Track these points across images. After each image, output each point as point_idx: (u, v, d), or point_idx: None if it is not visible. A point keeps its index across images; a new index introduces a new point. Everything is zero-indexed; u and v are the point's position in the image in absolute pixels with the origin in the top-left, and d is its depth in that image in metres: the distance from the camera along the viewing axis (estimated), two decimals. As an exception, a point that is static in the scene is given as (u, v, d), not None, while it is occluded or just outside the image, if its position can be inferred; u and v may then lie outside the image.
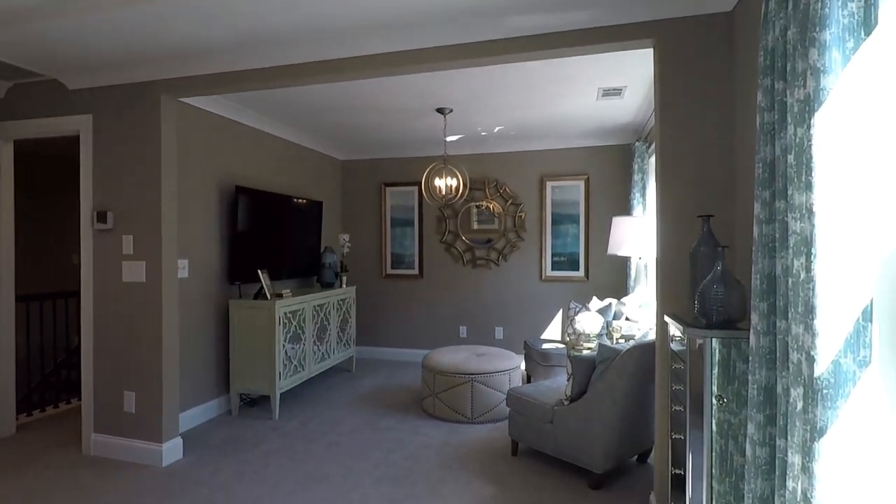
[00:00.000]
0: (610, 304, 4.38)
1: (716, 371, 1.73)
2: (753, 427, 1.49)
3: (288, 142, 5.02)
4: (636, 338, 3.59)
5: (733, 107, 2.24)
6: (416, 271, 5.86)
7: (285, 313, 4.03)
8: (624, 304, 3.91)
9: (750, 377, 1.51)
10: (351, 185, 6.12)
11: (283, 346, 4.01)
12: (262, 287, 3.97)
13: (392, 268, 5.95)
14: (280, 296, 4.11)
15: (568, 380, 2.96)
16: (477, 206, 5.61)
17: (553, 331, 5.43)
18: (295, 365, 4.19)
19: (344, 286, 5.21)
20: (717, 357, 1.73)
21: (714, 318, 1.78)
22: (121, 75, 3.10)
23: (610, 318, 4.28)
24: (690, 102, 2.29)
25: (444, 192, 4.15)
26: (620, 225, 3.81)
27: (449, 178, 4.16)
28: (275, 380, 3.90)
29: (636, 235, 3.68)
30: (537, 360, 4.43)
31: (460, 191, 4.26)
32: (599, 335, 3.92)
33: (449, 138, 5.29)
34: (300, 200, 4.97)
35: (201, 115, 3.84)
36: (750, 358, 1.51)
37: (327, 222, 5.67)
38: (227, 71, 2.93)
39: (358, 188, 6.09)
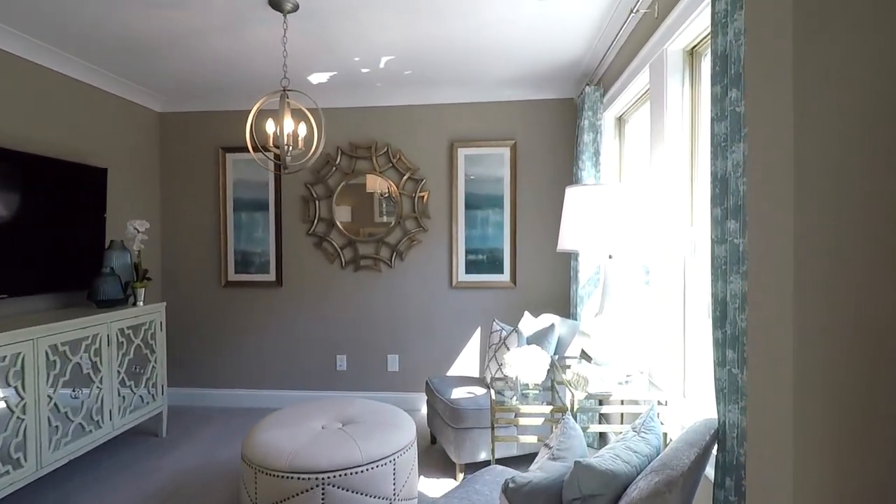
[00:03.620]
0: (552, 325, 2.86)
1: None
2: None
3: (52, 72, 2.95)
4: (609, 397, 2.07)
5: None
6: (271, 277, 4.01)
7: (-46, 372, 2.06)
8: (587, 336, 2.38)
9: None
10: (173, 148, 4.10)
11: (-48, 435, 2.04)
12: None
13: (237, 272, 4.04)
14: (-45, 336, 2.13)
15: (501, 529, 1.36)
16: (382, 196, 3.88)
17: (469, 362, 3.85)
18: (-8, 464, 2.22)
19: (141, 303, 3.25)
20: None
21: None
22: None
23: (552, 352, 2.76)
24: None
25: (277, 145, 2.36)
26: (579, 199, 2.23)
27: (289, 121, 2.38)
28: (-85, 512, 1.93)
29: (609, 218, 2.14)
30: (446, 420, 2.81)
31: (313, 147, 2.50)
32: (543, 386, 2.38)
33: (315, 78, 3.50)
34: (61, 164, 2.92)
35: None
36: None
37: (123, 202, 3.64)
38: None
39: (184, 153, 4.09)
